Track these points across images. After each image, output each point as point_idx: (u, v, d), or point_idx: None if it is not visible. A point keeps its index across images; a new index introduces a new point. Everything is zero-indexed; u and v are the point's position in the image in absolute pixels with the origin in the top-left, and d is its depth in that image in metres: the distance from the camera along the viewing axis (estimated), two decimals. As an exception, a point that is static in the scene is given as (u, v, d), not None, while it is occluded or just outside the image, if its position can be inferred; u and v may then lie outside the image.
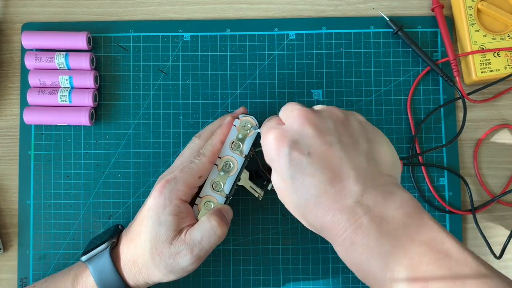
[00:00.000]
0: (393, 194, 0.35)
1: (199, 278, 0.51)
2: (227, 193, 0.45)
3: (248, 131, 0.45)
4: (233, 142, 0.45)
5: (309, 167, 0.35)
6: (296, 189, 0.36)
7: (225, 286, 0.51)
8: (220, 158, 0.45)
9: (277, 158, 0.37)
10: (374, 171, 0.36)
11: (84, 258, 0.43)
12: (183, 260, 0.41)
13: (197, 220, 0.44)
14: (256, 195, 0.47)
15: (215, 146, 0.44)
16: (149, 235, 0.41)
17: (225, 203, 0.45)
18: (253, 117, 0.45)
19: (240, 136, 0.45)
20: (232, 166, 0.45)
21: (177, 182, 0.42)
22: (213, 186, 0.45)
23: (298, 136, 0.37)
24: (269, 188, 0.46)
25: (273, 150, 0.38)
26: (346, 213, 0.34)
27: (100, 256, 0.43)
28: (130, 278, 0.43)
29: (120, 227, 0.47)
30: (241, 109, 0.48)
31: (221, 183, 0.45)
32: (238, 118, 0.46)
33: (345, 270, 0.51)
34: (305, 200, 0.36)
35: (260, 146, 0.42)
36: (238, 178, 0.45)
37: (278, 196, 0.40)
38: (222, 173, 0.45)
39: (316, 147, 0.36)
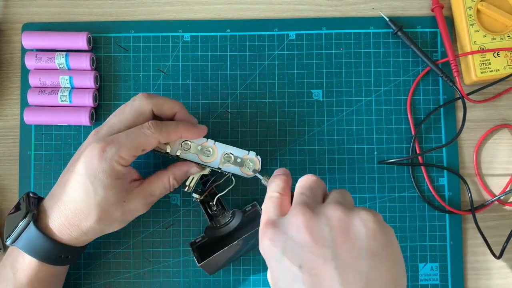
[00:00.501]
0: None
1: (199, 278, 0.51)
2: (181, 156, 0.45)
3: (246, 167, 0.46)
4: (231, 154, 0.46)
5: (299, 285, 0.30)
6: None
7: (225, 286, 0.51)
8: (213, 142, 0.45)
9: (269, 259, 0.33)
10: None
11: (9, 241, 0.41)
12: (138, 213, 0.44)
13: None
14: (186, 183, 0.47)
15: (174, 134, 0.43)
16: (95, 200, 0.40)
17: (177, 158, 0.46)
18: (259, 169, 0.46)
19: (239, 160, 0.46)
20: (208, 154, 0.45)
21: (120, 149, 0.40)
22: (183, 143, 0.45)
23: (291, 242, 0.31)
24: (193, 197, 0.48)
25: (266, 247, 0.33)
26: None
27: (26, 232, 0.41)
28: (69, 239, 0.42)
29: (31, 194, 0.44)
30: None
31: (191, 145, 0.45)
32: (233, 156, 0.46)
33: (345, 270, 0.51)
34: None
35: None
36: (198, 163, 0.46)
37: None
38: (200, 148, 0.45)
39: (308, 260, 0.30)
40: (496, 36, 0.51)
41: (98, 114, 0.52)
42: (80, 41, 0.51)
